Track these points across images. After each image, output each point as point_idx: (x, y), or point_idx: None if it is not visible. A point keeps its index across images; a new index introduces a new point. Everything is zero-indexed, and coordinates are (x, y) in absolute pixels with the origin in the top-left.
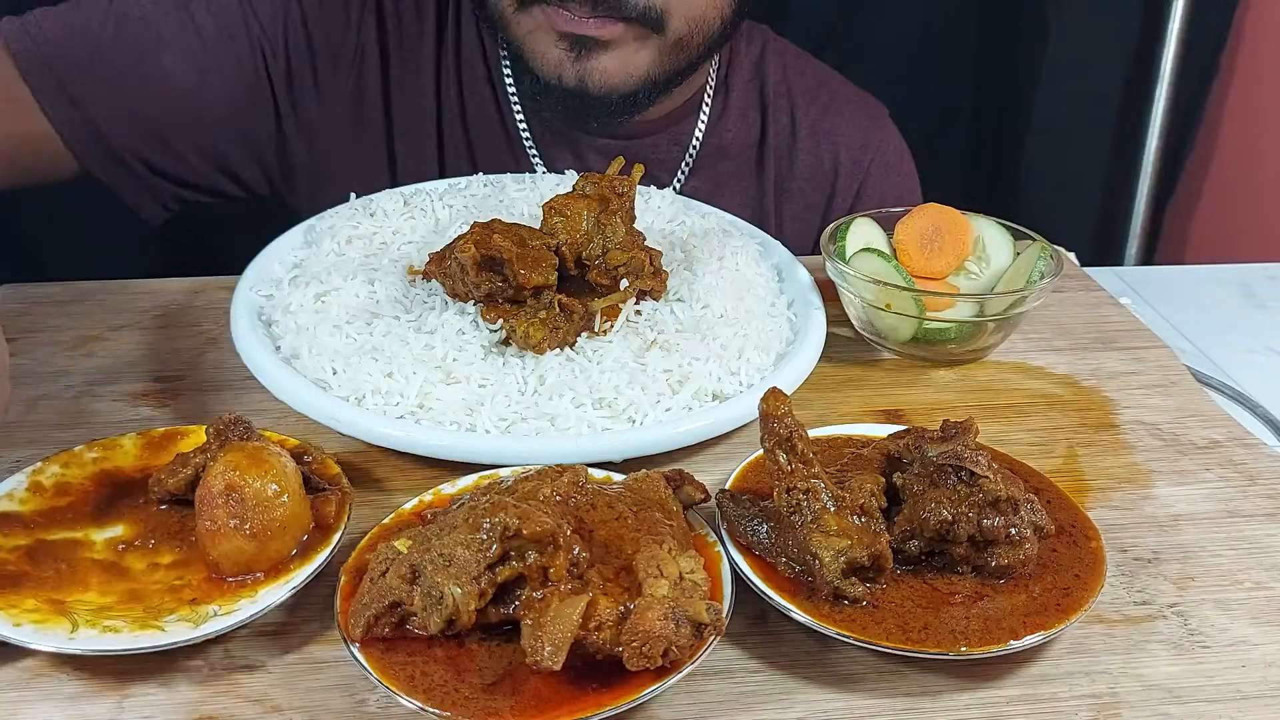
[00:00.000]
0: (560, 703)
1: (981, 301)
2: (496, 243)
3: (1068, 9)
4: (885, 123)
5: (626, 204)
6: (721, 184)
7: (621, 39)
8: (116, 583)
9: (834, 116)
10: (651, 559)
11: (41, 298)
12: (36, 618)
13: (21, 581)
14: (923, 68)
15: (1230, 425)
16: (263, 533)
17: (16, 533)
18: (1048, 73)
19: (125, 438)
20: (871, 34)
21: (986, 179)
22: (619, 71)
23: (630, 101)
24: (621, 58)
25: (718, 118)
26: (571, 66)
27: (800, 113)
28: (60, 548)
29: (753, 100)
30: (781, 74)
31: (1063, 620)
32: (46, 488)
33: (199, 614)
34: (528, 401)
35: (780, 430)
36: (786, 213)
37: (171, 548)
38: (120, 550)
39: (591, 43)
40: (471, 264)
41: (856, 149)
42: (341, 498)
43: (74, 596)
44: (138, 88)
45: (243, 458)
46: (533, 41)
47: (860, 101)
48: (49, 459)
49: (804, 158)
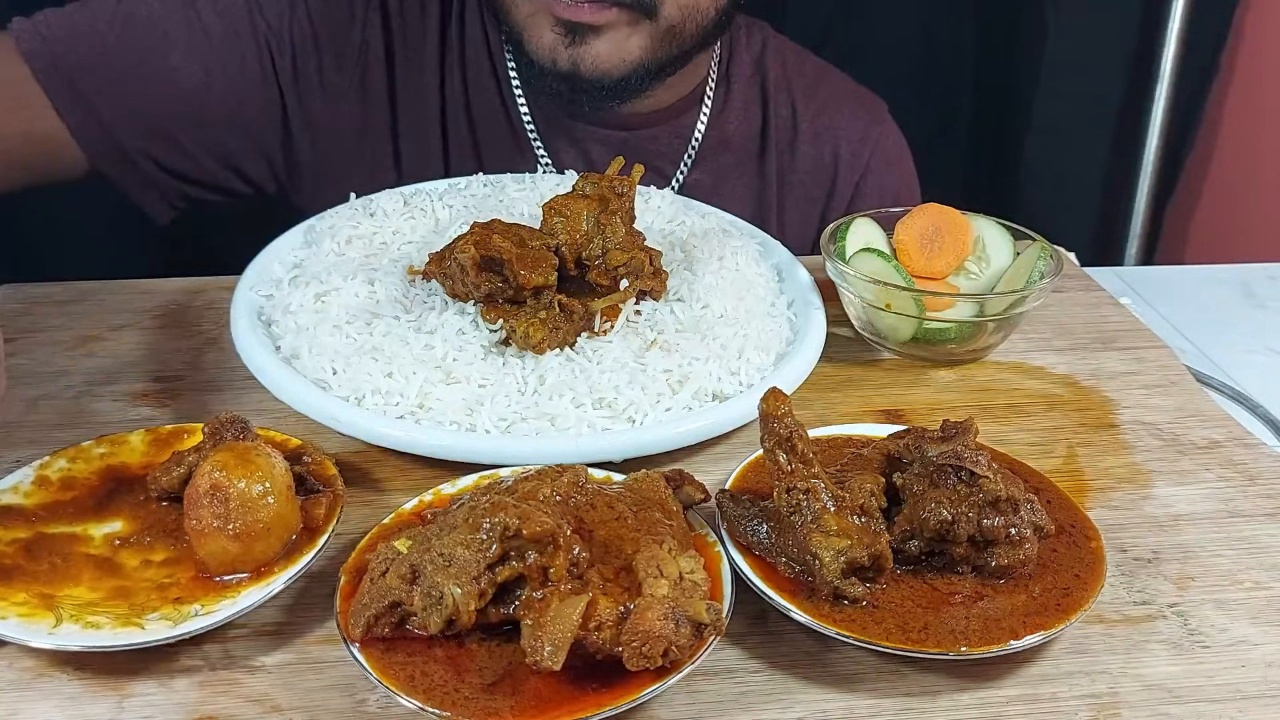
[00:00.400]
0: (560, 703)
1: (981, 301)
2: (496, 243)
3: (1067, 9)
4: (884, 118)
5: (626, 204)
6: (723, 177)
7: (614, 24)
8: (107, 579)
9: (833, 111)
10: (651, 559)
11: (41, 298)
12: (23, 611)
13: (14, 575)
14: (923, 67)
15: (1230, 425)
16: (246, 533)
17: (17, 526)
18: (1048, 73)
19: (133, 434)
20: (871, 33)
21: (986, 179)
22: (612, 56)
23: (623, 86)
24: (614, 42)
25: (719, 111)
26: (565, 51)
27: (800, 107)
28: (58, 542)
29: (754, 94)
30: (781, 69)
31: (1063, 620)
32: (52, 481)
33: (181, 613)
34: (528, 401)
35: (780, 430)
36: (788, 205)
37: (166, 545)
38: (116, 546)
39: (585, 28)
40: (471, 264)
41: (856, 143)
42: (333, 500)
43: (64, 591)
44: (145, 86)
45: (230, 458)
46: (531, 25)
47: (859, 97)
48: (57, 453)
49: (805, 151)
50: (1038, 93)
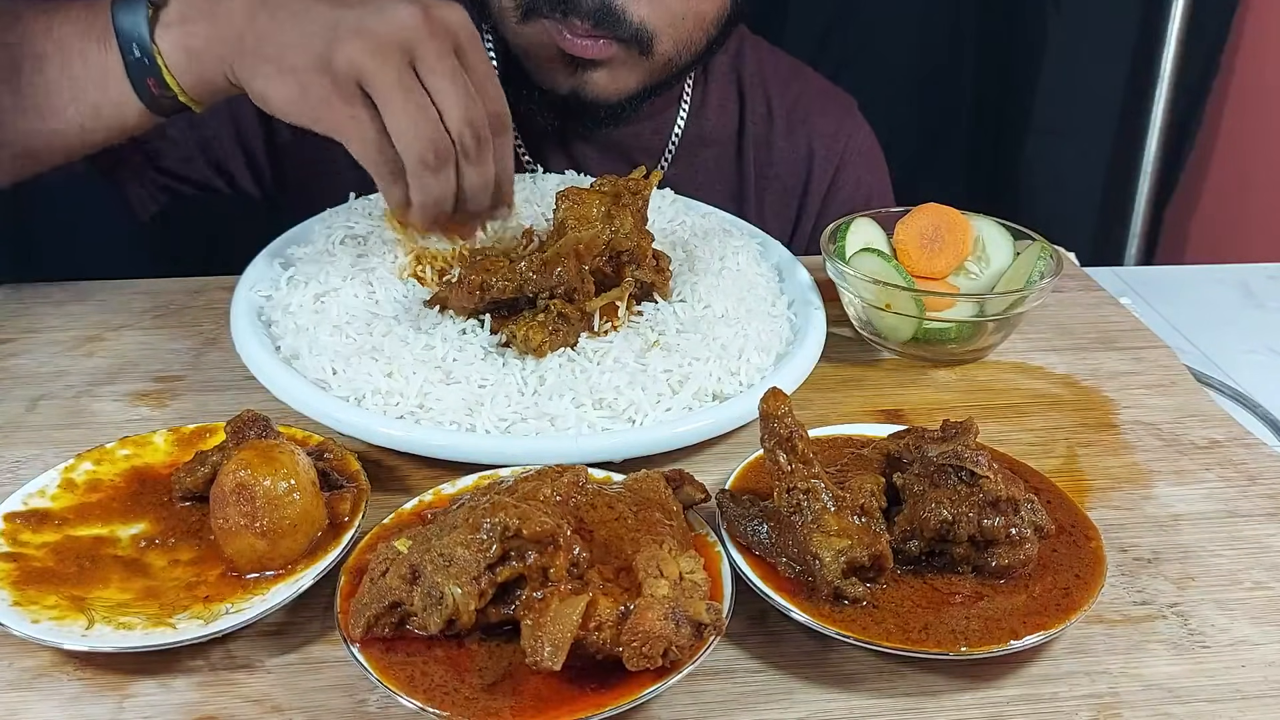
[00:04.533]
0: (560, 703)
1: (981, 301)
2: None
3: (1067, 9)
4: (855, 113)
5: (639, 202)
6: (703, 171)
7: (614, 59)
8: (136, 579)
9: (807, 106)
10: (651, 559)
11: (41, 298)
12: (56, 614)
13: (45, 578)
14: (923, 68)
15: (1230, 425)
16: (273, 531)
17: (46, 529)
18: (1048, 73)
19: (157, 434)
20: (871, 34)
21: (986, 179)
22: (610, 86)
23: (619, 110)
24: (613, 74)
25: (698, 107)
26: (567, 80)
27: (776, 102)
28: (86, 544)
29: (731, 90)
30: (757, 65)
31: (1063, 620)
32: (78, 484)
33: (211, 612)
34: (528, 402)
35: (780, 430)
36: (766, 199)
37: (190, 545)
38: (142, 548)
39: (588, 62)
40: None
41: (829, 138)
42: (357, 494)
43: (95, 593)
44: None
45: (254, 456)
46: (533, 50)
47: (831, 94)
48: (81, 455)
49: (780, 146)
50: (1038, 93)
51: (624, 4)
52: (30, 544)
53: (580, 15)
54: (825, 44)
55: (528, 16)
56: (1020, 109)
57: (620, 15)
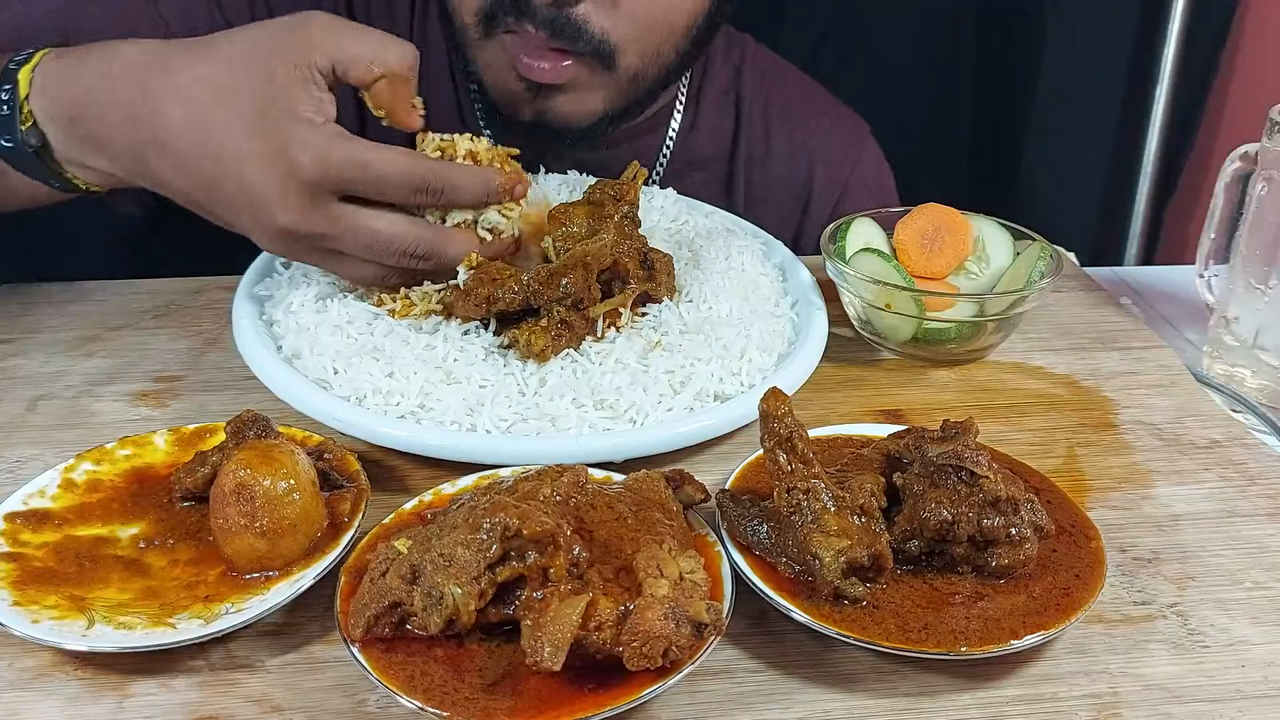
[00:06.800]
0: (560, 703)
1: (981, 301)
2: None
3: (1067, 9)
4: (865, 139)
5: (625, 207)
6: (691, 194)
7: (575, 80)
8: (136, 579)
9: (812, 130)
10: (651, 559)
11: (41, 298)
12: (56, 614)
13: (45, 578)
14: (922, 69)
15: (1230, 425)
16: (273, 530)
17: (46, 529)
18: (1048, 73)
19: (157, 434)
20: (871, 34)
21: (986, 179)
22: (575, 109)
23: (591, 133)
24: (576, 97)
25: (688, 130)
26: (529, 105)
27: (776, 126)
28: (86, 544)
29: (727, 112)
30: (759, 85)
31: (1063, 620)
32: (78, 484)
33: (212, 612)
34: (528, 402)
35: (780, 430)
36: (761, 225)
37: (190, 545)
38: (142, 548)
39: (549, 87)
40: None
41: (833, 164)
42: (357, 494)
43: (95, 593)
44: None
45: (254, 456)
46: (493, 73)
47: (840, 115)
48: (81, 455)
49: (778, 170)
50: (1038, 93)
51: (584, 14)
52: (30, 544)
53: (536, 22)
54: (825, 44)
55: (488, 27)
56: (1020, 109)
57: (580, 26)
